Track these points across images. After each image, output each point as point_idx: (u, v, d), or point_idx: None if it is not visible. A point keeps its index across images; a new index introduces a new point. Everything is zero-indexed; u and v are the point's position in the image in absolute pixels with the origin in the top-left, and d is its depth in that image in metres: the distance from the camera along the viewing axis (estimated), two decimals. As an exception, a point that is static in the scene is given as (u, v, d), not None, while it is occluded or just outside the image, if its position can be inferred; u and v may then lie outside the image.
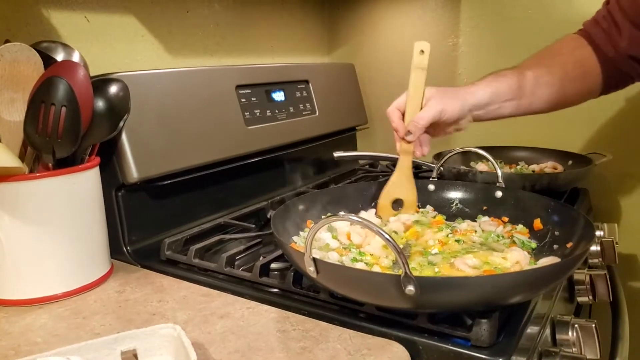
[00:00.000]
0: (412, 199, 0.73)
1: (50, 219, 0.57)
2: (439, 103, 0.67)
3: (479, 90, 0.70)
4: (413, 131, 0.67)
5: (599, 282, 0.75)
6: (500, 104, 0.71)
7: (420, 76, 0.69)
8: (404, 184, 0.72)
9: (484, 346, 0.46)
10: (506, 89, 0.71)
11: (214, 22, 0.99)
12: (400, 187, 0.72)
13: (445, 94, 0.69)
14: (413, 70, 0.69)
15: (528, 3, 1.04)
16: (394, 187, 0.72)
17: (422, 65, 0.69)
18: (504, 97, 0.71)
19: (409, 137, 0.68)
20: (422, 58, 0.69)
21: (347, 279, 0.49)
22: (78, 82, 0.57)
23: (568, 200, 0.91)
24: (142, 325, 0.50)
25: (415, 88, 0.69)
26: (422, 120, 0.67)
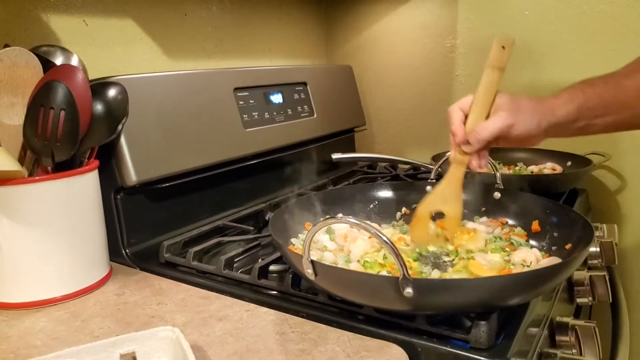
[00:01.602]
0: (455, 215, 0.63)
1: (49, 222, 0.57)
2: (511, 116, 0.57)
3: (560, 107, 0.59)
4: (472, 142, 0.58)
5: (599, 283, 0.75)
6: (588, 120, 0.60)
7: (495, 77, 0.58)
8: (450, 198, 0.63)
9: (483, 348, 0.46)
10: (597, 103, 0.59)
11: (212, 25, 1.00)
12: (445, 200, 0.63)
13: (521, 107, 0.58)
14: (487, 69, 0.59)
15: (525, 4, 1.05)
16: (438, 198, 0.63)
17: (500, 63, 0.59)
18: (593, 112, 0.59)
19: (466, 147, 0.59)
20: (502, 55, 0.58)
21: (345, 281, 0.49)
22: (77, 85, 0.58)
23: (567, 201, 0.91)
24: (141, 328, 0.50)
25: (486, 90, 0.59)
26: (485, 132, 0.57)
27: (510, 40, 0.58)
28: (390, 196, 0.77)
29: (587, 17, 0.99)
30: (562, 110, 0.59)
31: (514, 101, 0.59)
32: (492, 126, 0.57)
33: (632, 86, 0.59)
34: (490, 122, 0.58)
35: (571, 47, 1.02)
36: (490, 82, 0.59)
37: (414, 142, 1.25)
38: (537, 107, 0.59)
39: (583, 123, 0.60)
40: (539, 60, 1.05)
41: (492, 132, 0.57)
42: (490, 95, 0.59)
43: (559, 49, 1.03)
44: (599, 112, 0.60)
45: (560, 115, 0.59)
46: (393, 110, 1.26)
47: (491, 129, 0.57)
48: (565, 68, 1.03)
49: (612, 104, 0.59)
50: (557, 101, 0.59)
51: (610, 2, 0.96)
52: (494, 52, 0.59)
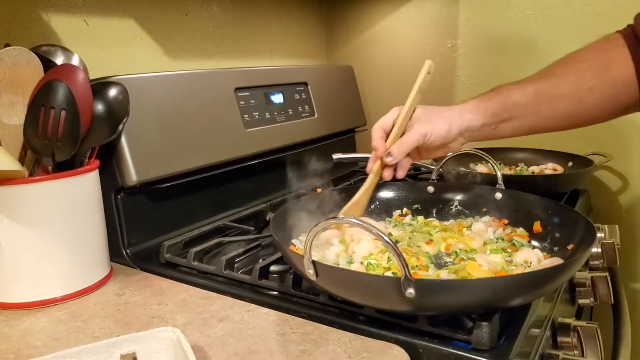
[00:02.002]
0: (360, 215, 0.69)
1: (49, 222, 0.57)
2: (424, 126, 0.63)
3: (467, 112, 0.64)
4: (394, 154, 0.63)
5: (601, 284, 0.74)
6: (496, 125, 0.64)
7: (419, 98, 0.66)
8: (364, 204, 0.68)
9: (485, 349, 0.46)
10: (500, 108, 0.63)
11: (213, 24, 1.00)
12: (357, 207, 0.67)
13: (432, 116, 0.64)
14: (416, 92, 0.65)
15: (526, 4, 1.04)
16: (355, 207, 0.67)
17: (425, 87, 0.66)
18: (499, 117, 0.64)
19: (388, 159, 0.64)
20: (427, 79, 0.66)
21: (346, 282, 0.49)
22: (77, 85, 0.58)
23: (568, 202, 0.91)
24: (142, 329, 0.50)
25: (408, 113, 0.65)
26: (404, 144, 0.63)
27: (432, 65, 0.66)
28: (392, 196, 0.77)
29: (589, 17, 0.99)
30: (469, 115, 0.63)
31: (426, 112, 0.64)
32: (410, 138, 0.63)
33: (532, 91, 0.63)
34: (408, 135, 0.63)
35: (572, 47, 1.00)
36: (414, 103, 0.65)
37: (415, 142, 1.24)
38: (447, 114, 0.64)
39: (492, 127, 0.64)
40: (540, 60, 1.03)
41: (410, 143, 0.63)
42: (410, 113, 0.65)
43: (560, 49, 1.02)
44: (505, 117, 0.64)
45: (468, 119, 0.63)
46: (394, 111, 1.26)
47: (409, 140, 0.63)
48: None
49: (516, 109, 0.63)
50: (465, 106, 0.64)
51: (611, 3, 0.96)
52: (422, 76, 0.65)
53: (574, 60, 0.65)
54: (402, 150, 0.63)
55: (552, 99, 0.63)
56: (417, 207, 0.75)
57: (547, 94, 0.63)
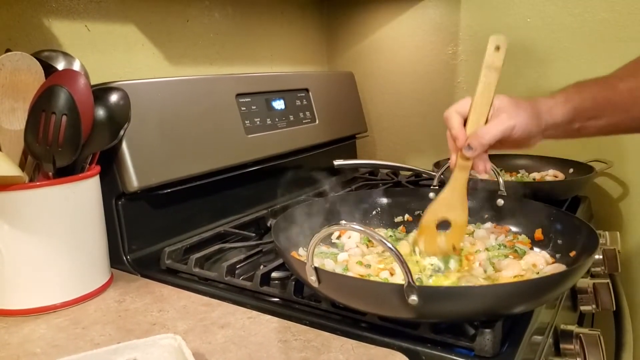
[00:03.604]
0: (462, 222, 0.61)
1: (50, 228, 0.56)
2: (512, 117, 0.56)
3: (557, 107, 0.59)
4: (475, 146, 0.56)
5: (602, 290, 0.74)
6: (582, 122, 0.59)
7: (492, 78, 0.57)
8: (456, 205, 0.61)
9: (488, 356, 0.45)
10: (591, 104, 0.59)
11: (214, 31, 1.00)
12: (450, 207, 0.61)
13: (520, 108, 0.57)
14: (484, 69, 0.58)
15: (527, 11, 1.05)
16: (443, 205, 0.61)
17: (495, 64, 0.57)
18: (588, 114, 0.59)
19: (468, 152, 0.57)
20: (497, 56, 0.57)
21: (349, 289, 0.48)
22: (79, 91, 0.57)
23: (569, 208, 0.91)
24: (143, 336, 0.49)
25: (483, 92, 0.57)
26: (487, 135, 0.56)
27: (504, 40, 0.57)
28: (393, 203, 0.76)
29: (589, 24, 0.99)
30: (559, 110, 0.58)
31: (513, 103, 0.58)
32: (495, 129, 0.56)
33: (625, 89, 0.59)
34: (492, 125, 0.56)
35: (572, 54, 1.02)
36: (488, 83, 0.57)
37: (416, 148, 1.24)
38: (535, 107, 0.58)
39: (578, 125, 0.60)
40: (541, 67, 1.05)
41: (494, 135, 0.56)
42: (489, 97, 0.57)
43: (561, 56, 1.03)
44: (593, 114, 0.59)
45: (557, 115, 0.58)
46: (394, 117, 1.26)
47: (494, 132, 0.56)
48: (566, 75, 1.03)
49: (606, 107, 0.59)
50: (554, 101, 0.59)
51: (611, 10, 0.97)
52: (489, 52, 0.58)
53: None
54: (486, 141, 0.56)
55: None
56: (418, 213, 0.75)
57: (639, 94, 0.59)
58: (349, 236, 0.67)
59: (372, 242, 0.66)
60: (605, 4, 0.97)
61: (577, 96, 0.59)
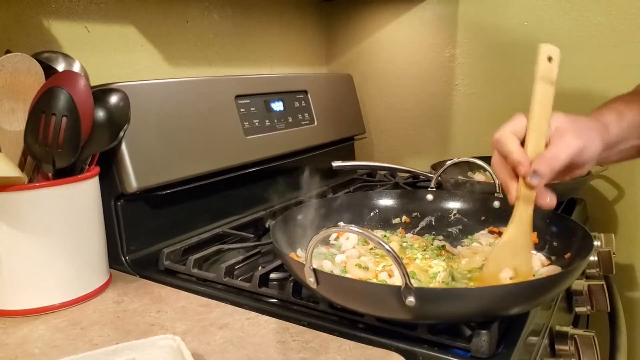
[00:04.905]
0: (527, 272, 0.52)
1: (49, 228, 0.57)
2: (579, 137, 0.48)
3: (612, 124, 0.52)
4: (543, 173, 0.48)
5: (597, 292, 0.75)
6: (634, 141, 0.54)
7: (549, 92, 0.50)
8: (522, 247, 0.52)
9: (484, 357, 0.46)
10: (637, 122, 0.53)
11: (213, 32, 1.00)
12: (516, 253, 0.52)
13: (582, 126, 0.50)
14: (538, 83, 0.50)
15: (524, 15, 1.06)
16: (509, 251, 0.52)
17: (550, 76, 0.50)
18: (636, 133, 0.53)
19: (535, 180, 0.48)
20: (551, 67, 0.50)
21: (347, 290, 0.49)
22: (79, 92, 0.58)
23: (565, 211, 0.91)
24: (141, 336, 0.49)
25: (541, 110, 0.49)
26: (558, 160, 0.48)
27: (556, 50, 0.50)
28: (391, 204, 0.77)
29: (585, 28, 1.00)
30: (615, 128, 0.52)
31: (573, 121, 0.50)
32: (566, 152, 0.48)
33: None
34: (561, 147, 0.48)
35: (569, 57, 1.03)
36: (545, 98, 0.49)
37: (414, 150, 1.25)
38: (594, 125, 0.51)
39: (630, 144, 0.54)
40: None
41: (566, 159, 0.48)
42: (547, 114, 0.49)
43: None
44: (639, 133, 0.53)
45: (614, 133, 0.52)
46: (393, 119, 1.26)
47: (565, 154, 0.48)
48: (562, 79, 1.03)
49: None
50: (608, 118, 0.53)
51: (607, 15, 0.98)
52: (542, 63, 0.50)
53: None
54: (554, 167, 0.48)
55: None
56: (416, 215, 0.76)
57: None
58: (347, 237, 0.67)
59: (368, 242, 0.66)
60: (601, 8, 0.98)
61: (629, 111, 0.53)
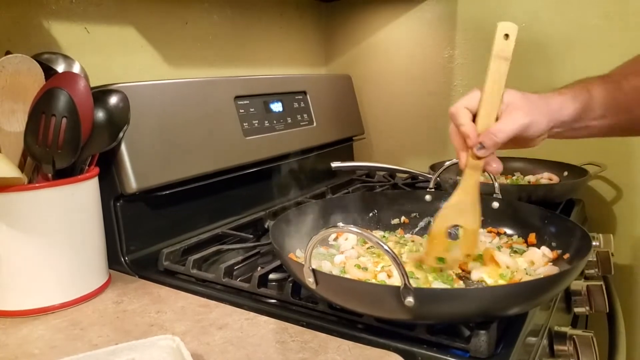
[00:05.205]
0: (474, 228, 0.56)
1: (48, 229, 0.57)
2: (527, 115, 0.52)
3: (567, 104, 0.55)
4: (488, 145, 0.52)
5: (596, 292, 0.75)
6: (588, 122, 0.57)
7: (503, 68, 0.52)
8: (467, 208, 0.56)
9: (483, 357, 0.46)
10: (599, 103, 0.56)
11: (213, 33, 1.00)
12: (462, 211, 0.56)
13: (532, 104, 0.54)
14: (493, 60, 0.52)
15: (522, 16, 1.06)
16: (454, 210, 0.56)
17: (505, 53, 0.52)
18: (594, 113, 0.56)
19: (481, 151, 0.52)
20: (507, 44, 0.52)
21: (346, 290, 0.49)
22: (79, 93, 0.58)
23: (563, 211, 0.91)
24: (141, 337, 0.50)
25: (493, 85, 0.52)
26: (502, 132, 0.52)
27: (513, 27, 0.52)
28: (389, 205, 0.77)
29: (582, 30, 1.00)
30: (568, 108, 0.55)
31: (524, 98, 0.54)
32: (510, 126, 0.52)
33: (630, 88, 0.57)
34: (507, 122, 0.52)
35: (566, 59, 1.03)
36: (497, 74, 0.52)
37: (412, 151, 1.25)
38: (546, 104, 0.55)
39: (583, 124, 0.57)
40: (534, 72, 1.06)
41: (509, 133, 0.52)
42: (500, 89, 0.52)
43: (555, 61, 1.05)
44: (599, 113, 0.57)
45: (567, 113, 0.55)
46: (391, 120, 1.27)
47: (509, 129, 0.52)
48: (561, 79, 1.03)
49: (612, 106, 0.57)
50: (562, 98, 0.56)
51: (604, 17, 0.98)
52: (498, 40, 0.53)
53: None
54: (500, 140, 0.52)
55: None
56: (415, 215, 0.76)
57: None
58: (346, 238, 0.68)
59: (367, 242, 0.66)
60: (598, 10, 0.98)
61: (585, 94, 0.56)
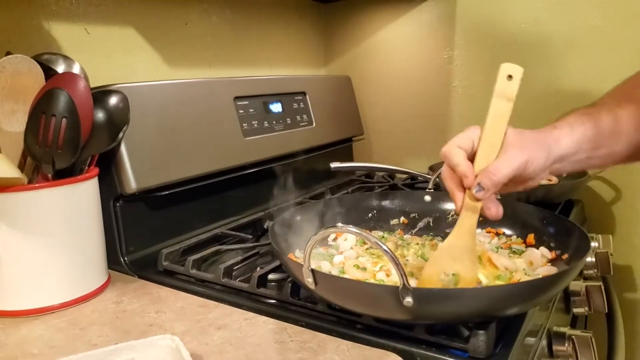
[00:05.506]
0: (470, 278, 0.53)
1: (48, 229, 0.57)
2: (523, 152, 0.50)
3: (563, 137, 0.53)
4: (487, 186, 0.49)
5: (595, 293, 0.75)
6: (589, 153, 0.54)
7: (505, 108, 0.51)
8: (463, 255, 0.53)
9: (481, 357, 0.46)
10: (595, 134, 0.53)
11: (212, 34, 1.01)
12: (457, 258, 0.53)
13: (527, 140, 0.51)
14: (494, 100, 0.51)
15: (521, 17, 1.06)
16: (448, 256, 0.53)
17: (507, 94, 0.51)
18: (593, 144, 0.54)
19: (480, 193, 0.50)
20: (510, 85, 0.51)
21: (345, 291, 0.49)
22: (78, 93, 0.58)
23: (563, 212, 0.92)
24: (140, 337, 0.50)
25: (494, 125, 0.51)
26: (501, 172, 0.49)
27: (519, 70, 0.51)
28: (389, 205, 0.77)
29: (581, 31, 1.01)
30: (566, 140, 0.53)
31: (518, 134, 0.52)
32: (509, 166, 0.49)
33: (625, 115, 0.55)
34: (504, 160, 0.50)
35: (565, 60, 1.03)
36: (500, 114, 0.51)
37: (412, 152, 1.25)
38: (541, 138, 0.53)
39: (583, 156, 0.54)
40: (534, 73, 1.06)
41: (508, 172, 0.49)
42: (502, 129, 0.51)
43: (554, 62, 1.05)
44: (598, 143, 0.54)
45: (565, 146, 0.53)
46: (391, 121, 1.27)
47: (507, 168, 0.49)
48: (560, 80, 1.04)
49: (610, 134, 0.54)
50: (559, 131, 0.54)
51: (603, 17, 0.98)
52: (500, 81, 0.51)
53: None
54: (499, 180, 0.49)
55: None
56: (414, 216, 0.76)
57: None
58: (345, 238, 0.68)
59: (366, 243, 0.66)
60: (597, 10, 0.98)
61: (582, 124, 0.54)
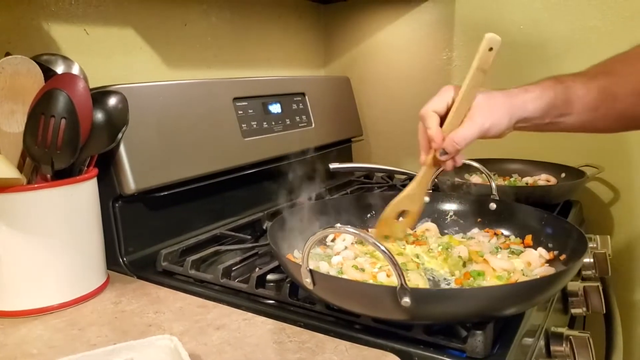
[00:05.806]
0: (417, 211, 0.66)
1: (47, 229, 0.57)
2: (486, 118, 0.56)
3: (531, 102, 0.58)
4: (450, 151, 0.57)
5: (593, 293, 0.75)
6: (553, 119, 0.59)
7: (480, 80, 0.56)
8: (417, 198, 0.65)
9: (479, 357, 0.46)
10: (563, 100, 0.58)
11: (212, 34, 1.01)
12: (412, 200, 0.65)
13: (494, 106, 0.57)
14: (474, 71, 0.56)
15: (520, 19, 1.07)
16: (407, 199, 0.65)
17: (486, 65, 0.56)
18: (558, 111, 0.59)
19: (443, 156, 0.58)
20: (489, 57, 0.56)
21: (343, 291, 0.49)
22: (78, 94, 0.58)
23: (561, 213, 0.92)
24: (139, 337, 0.50)
25: (468, 94, 0.57)
26: (463, 140, 0.57)
27: (499, 41, 0.56)
28: (387, 206, 0.77)
29: (580, 32, 1.01)
30: (532, 105, 0.58)
31: (488, 99, 0.57)
32: (470, 133, 0.56)
33: (595, 87, 0.59)
34: (467, 127, 0.57)
35: (564, 61, 1.04)
36: (474, 85, 0.57)
37: (410, 152, 1.25)
38: (509, 101, 0.58)
39: (548, 120, 0.59)
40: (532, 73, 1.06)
41: (470, 139, 0.57)
42: (472, 99, 0.57)
43: (553, 63, 1.05)
44: (563, 111, 0.59)
45: (530, 110, 0.58)
46: (390, 121, 1.27)
47: (469, 136, 0.56)
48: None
49: (577, 104, 0.59)
50: (528, 95, 0.58)
51: (602, 18, 0.98)
52: (482, 53, 0.56)
53: (629, 60, 0.61)
54: (461, 146, 0.57)
55: (614, 98, 0.59)
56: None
57: (608, 93, 0.59)
58: (344, 239, 0.68)
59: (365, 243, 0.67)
60: (596, 11, 0.99)
61: (552, 92, 0.58)
